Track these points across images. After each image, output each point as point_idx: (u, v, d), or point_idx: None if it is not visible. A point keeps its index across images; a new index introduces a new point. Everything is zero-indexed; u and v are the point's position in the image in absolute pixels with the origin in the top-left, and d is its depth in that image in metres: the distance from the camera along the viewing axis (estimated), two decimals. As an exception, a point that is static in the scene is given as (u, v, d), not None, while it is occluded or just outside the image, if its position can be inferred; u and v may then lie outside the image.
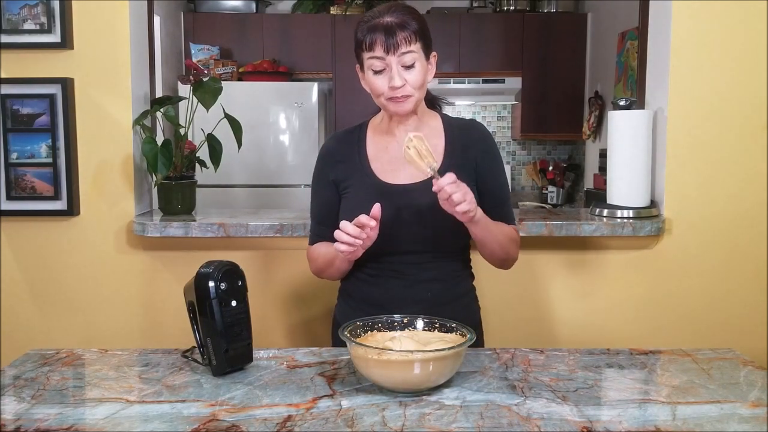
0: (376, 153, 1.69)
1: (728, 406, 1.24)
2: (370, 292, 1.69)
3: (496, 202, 1.67)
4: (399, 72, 1.53)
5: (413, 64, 1.54)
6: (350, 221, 1.48)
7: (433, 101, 1.79)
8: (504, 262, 1.71)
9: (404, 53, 1.52)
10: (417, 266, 1.65)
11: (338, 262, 1.65)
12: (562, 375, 1.38)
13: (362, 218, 1.45)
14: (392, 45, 1.51)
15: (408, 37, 1.52)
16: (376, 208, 1.47)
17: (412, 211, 1.60)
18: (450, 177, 1.42)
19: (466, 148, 1.66)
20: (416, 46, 1.54)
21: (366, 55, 1.56)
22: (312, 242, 1.78)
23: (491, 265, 1.74)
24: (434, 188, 1.43)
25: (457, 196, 1.42)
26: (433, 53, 1.62)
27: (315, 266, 1.75)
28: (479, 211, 1.52)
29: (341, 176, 1.71)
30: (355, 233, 1.45)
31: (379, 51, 1.53)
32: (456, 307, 1.67)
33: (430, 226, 1.60)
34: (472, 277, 1.78)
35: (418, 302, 1.63)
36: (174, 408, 1.22)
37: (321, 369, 1.42)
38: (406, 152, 1.46)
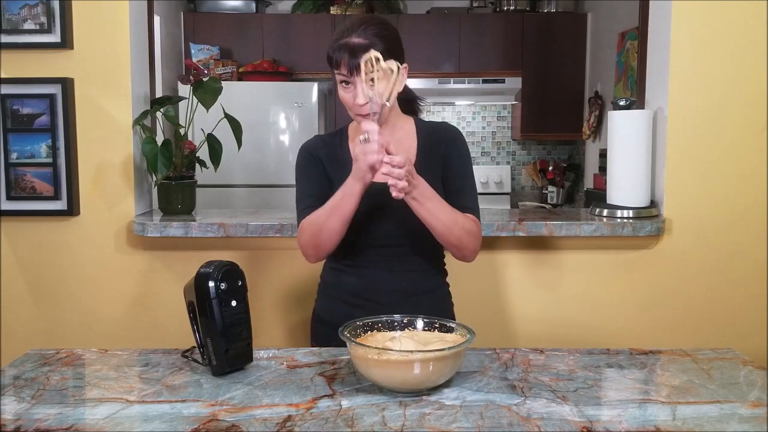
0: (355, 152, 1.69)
1: (728, 406, 1.24)
2: (348, 281, 1.75)
3: (455, 189, 1.69)
4: (363, 90, 1.58)
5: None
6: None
7: (411, 103, 1.81)
8: (458, 250, 1.66)
9: (367, 74, 1.56)
10: (391, 258, 1.71)
11: (344, 206, 1.59)
12: (562, 375, 1.38)
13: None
14: (356, 66, 1.57)
15: (372, 60, 1.55)
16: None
17: (386, 208, 1.66)
18: (393, 159, 1.46)
19: (437, 146, 1.72)
20: (380, 64, 1.55)
21: (335, 70, 1.63)
22: (304, 216, 1.72)
23: (453, 256, 1.72)
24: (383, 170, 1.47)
25: (384, 168, 1.45)
26: (404, 65, 1.61)
27: (310, 231, 1.66)
28: (420, 191, 1.53)
29: (331, 174, 1.74)
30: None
31: (344, 70, 1.59)
32: (428, 300, 1.74)
33: (402, 223, 1.66)
34: (444, 273, 1.81)
35: (393, 291, 1.71)
36: (174, 408, 1.22)
37: (321, 369, 1.42)
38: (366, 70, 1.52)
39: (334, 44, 1.61)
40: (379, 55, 1.52)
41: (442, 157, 1.71)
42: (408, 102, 1.80)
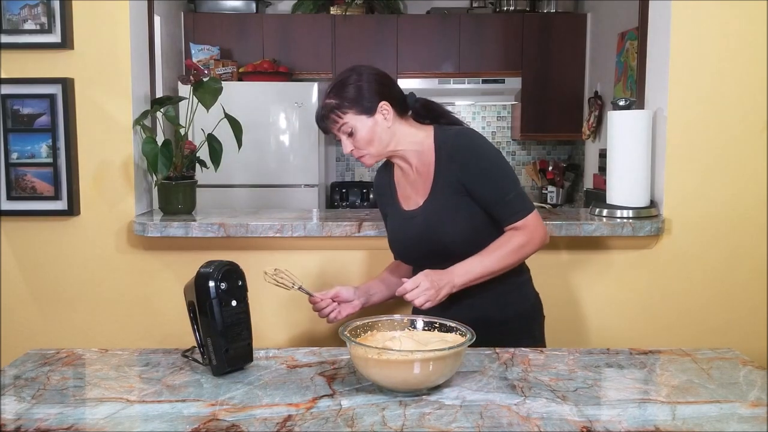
0: (399, 178, 1.88)
1: (728, 405, 1.24)
2: None
3: (492, 202, 1.71)
4: (345, 141, 1.75)
5: (351, 132, 1.73)
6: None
7: (438, 117, 1.84)
8: (526, 258, 1.76)
9: (340, 127, 1.73)
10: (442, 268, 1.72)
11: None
12: (561, 375, 1.39)
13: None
14: (325, 130, 1.78)
15: (335, 118, 1.72)
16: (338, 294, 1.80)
17: (415, 232, 1.78)
18: (405, 288, 1.62)
19: (451, 163, 1.73)
20: (349, 116, 1.72)
21: None
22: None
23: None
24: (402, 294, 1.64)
25: (418, 300, 1.61)
26: (381, 104, 1.73)
27: None
28: (462, 275, 1.66)
29: (384, 208, 1.94)
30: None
31: (323, 131, 1.81)
32: (485, 297, 1.75)
33: (428, 244, 1.75)
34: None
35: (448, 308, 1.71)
36: (174, 408, 1.23)
37: (321, 369, 1.42)
38: (270, 282, 1.73)
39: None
40: (274, 270, 1.73)
41: (458, 178, 1.71)
42: (432, 117, 1.83)
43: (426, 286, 1.60)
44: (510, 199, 1.71)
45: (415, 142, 1.77)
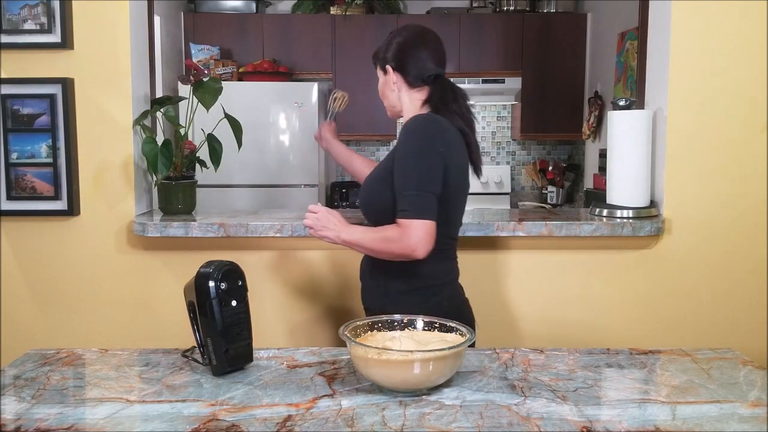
0: None
1: (728, 405, 1.24)
2: None
3: (396, 191, 1.72)
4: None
5: (378, 79, 1.94)
6: None
7: (446, 103, 1.88)
8: (394, 257, 1.73)
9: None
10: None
11: None
12: (561, 375, 1.39)
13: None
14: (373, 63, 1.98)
15: (372, 62, 1.97)
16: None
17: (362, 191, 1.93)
18: (309, 207, 1.83)
19: (398, 141, 1.82)
20: (377, 66, 1.94)
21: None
22: None
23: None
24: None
25: (305, 221, 1.83)
26: (391, 70, 1.89)
27: None
28: (345, 231, 1.78)
29: None
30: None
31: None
32: (385, 291, 1.85)
33: (360, 204, 1.92)
34: (408, 267, 1.79)
35: (364, 272, 1.93)
36: (174, 408, 1.23)
37: (321, 369, 1.42)
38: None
39: None
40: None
41: (394, 159, 1.76)
42: (444, 104, 1.89)
43: (318, 218, 1.80)
44: (406, 195, 1.68)
45: (411, 113, 1.87)
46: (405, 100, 1.89)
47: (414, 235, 1.65)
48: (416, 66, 1.85)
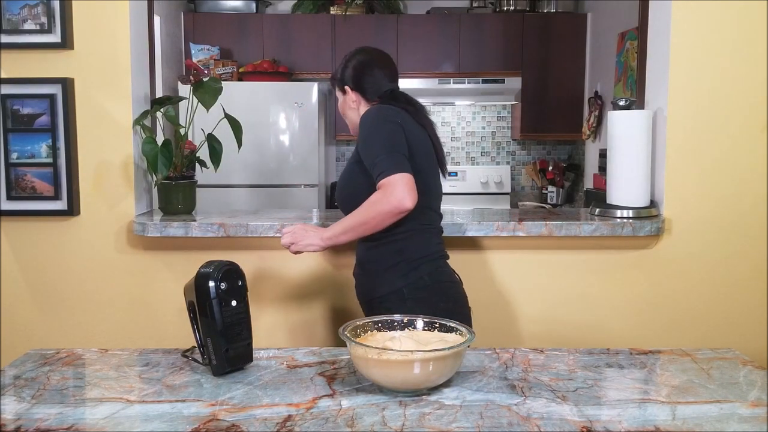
0: None
1: (728, 405, 1.24)
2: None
3: (369, 168, 1.81)
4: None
5: (338, 99, 2.09)
6: None
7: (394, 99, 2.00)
8: (384, 219, 1.76)
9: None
10: None
11: None
12: (561, 375, 1.39)
13: None
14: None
15: (331, 84, 2.14)
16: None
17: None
18: (285, 229, 1.91)
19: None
20: (336, 88, 2.09)
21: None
22: None
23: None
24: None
25: (283, 239, 1.90)
26: (350, 92, 2.03)
27: None
28: (328, 231, 1.83)
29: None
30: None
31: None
32: (365, 273, 1.96)
33: (341, 206, 1.98)
34: (389, 245, 1.86)
35: (357, 262, 2.01)
36: (174, 408, 1.22)
37: (321, 369, 1.42)
38: None
39: None
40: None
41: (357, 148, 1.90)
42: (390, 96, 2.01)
43: (293, 232, 1.86)
44: (378, 161, 1.76)
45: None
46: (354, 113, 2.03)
47: (396, 188, 1.71)
48: (373, 83, 2.00)
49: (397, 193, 1.70)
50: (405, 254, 1.85)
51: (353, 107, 2.03)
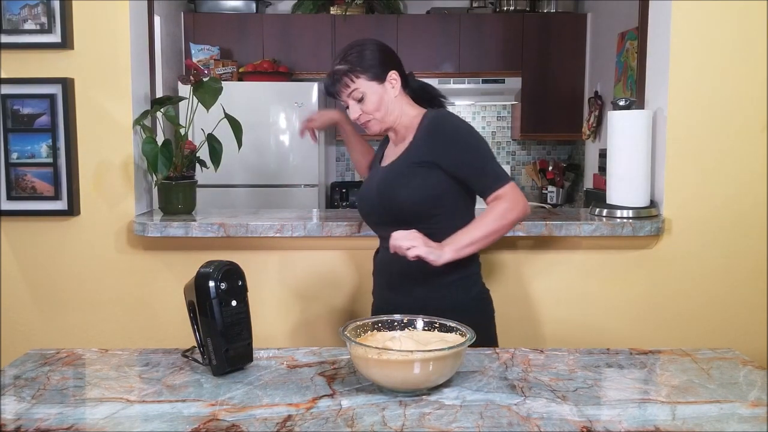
0: (387, 149, 1.97)
1: (728, 405, 1.24)
2: (377, 257, 1.96)
3: (472, 177, 1.78)
4: (353, 106, 1.83)
5: (362, 97, 1.81)
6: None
7: (431, 100, 1.95)
8: (512, 227, 1.78)
9: (350, 92, 1.81)
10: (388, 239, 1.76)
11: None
12: (561, 375, 1.39)
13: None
14: (336, 92, 1.83)
15: (347, 82, 1.80)
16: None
17: (373, 190, 1.86)
18: (397, 233, 1.65)
19: (426, 138, 1.80)
20: (360, 82, 1.80)
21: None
22: None
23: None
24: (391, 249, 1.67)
25: (401, 245, 1.63)
26: (391, 73, 1.83)
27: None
28: (450, 244, 1.67)
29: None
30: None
31: (332, 96, 1.86)
32: (428, 285, 1.80)
33: (382, 200, 1.82)
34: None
35: (391, 273, 1.86)
36: (174, 408, 1.23)
37: (321, 369, 1.42)
38: None
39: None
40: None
41: (431, 156, 1.78)
42: (427, 99, 1.94)
43: (416, 236, 1.64)
44: (488, 170, 1.76)
45: (410, 116, 1.86)
46: (403, 105, 1.86)
47: (519, 196, 1.75)
48: (402, 68, 1.88)
49: (521, 200, 1.74)
50: (469, 268, 1.84)
51: (393, 95, 1.83)
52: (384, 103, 1.82)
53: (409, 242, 1.62)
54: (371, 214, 1.91)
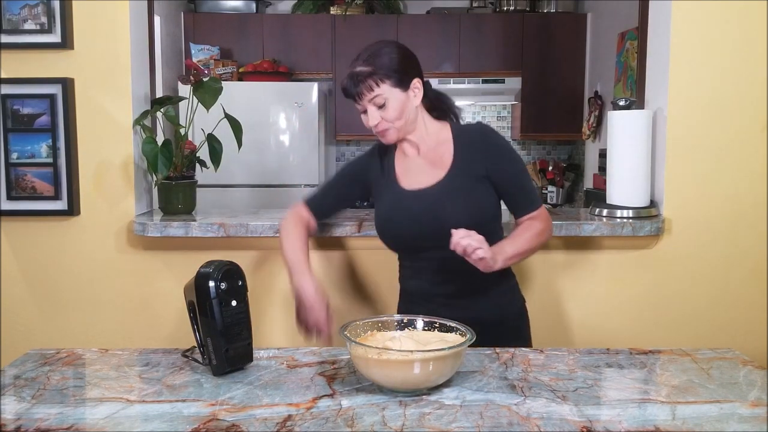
0: (400, 164, 1.86)
1: (728, 405, 1.24)
2: (411, 285, 1.87)
3: (515, 191, 1.78)
4: (372, 113, 1.72)
5: (384, 103, 1.71)
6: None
7: (447, 111, 1.90)
8: (542, 246, 1.78)
9: (373, 98, 1.71)
10: (441, 260, 1.74)
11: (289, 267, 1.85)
12: (561, 375, 1.39)
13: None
14: (357, 94, 1.71)
15: (371, 84, 1.69)
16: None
17: (425, 213, 1.74)
18: (461, 232, 1.55)
19: (473, 149, 1.76)
20: (384, 87, 1.70)
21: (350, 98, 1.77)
22: (307, 202, 1.97)
23: None
24: (451, 246, 1.55)
25: (468, 248, 1.54)
26: (415, 80, 1.76)
27: (282, 233, 1.92)
28: (500, 252, 1.62)
29: (373, 183, 1.90)
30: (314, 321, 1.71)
31: (351, 98, 1.74)
32: (484, 299, 1.78)
33: (430, 223, 1.72)
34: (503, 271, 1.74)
35: (446, 295, 1.79)
36: (174, 408, 1.23)
37: (321, 369, 1.42)
38: None
39: (346, 73, 1.74)
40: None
41: (484, 166, 1.75)
42: (443, 110, 1.88)
43: (479, 237, 1.55)
44: (528, 189, 1.79)
45: (430, 131, 1.81)
46: (421, 115, 1.80)
47: (551, 220, 1.80)
48: (422, 73, 1.81)
49: (551, 223, 1.79)
50: (511, 278, 1.89)
51: (415, 104, 1.76)
52: (406, 112, 1.73)
53: (476, 242, 1.54)
54: (416, 238, 1.77)
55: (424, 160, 1.81)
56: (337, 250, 2.30)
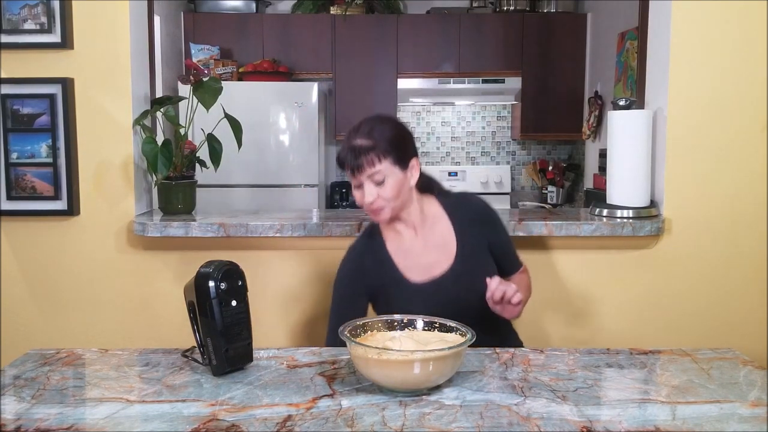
0: (396, 251, 1.80)
1: (728, 405, 1.24)
2: None
3: (508, 256, 1.90)
4: (369, 189, 1.67)
5: (383, 180, 1.66)
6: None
7: (429, 185, 1.86)
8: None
9: (372, 173, 1.65)
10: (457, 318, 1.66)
11: None
12: (561, 375, 1.39)
13: None
14: (357, 167, 1.65)
15: (373, 160, 1.64)
16: None
17: (444, 305, 1.70)
18: (497, 279, 1.61)
19: (472, 224, 1.82)
20: (384, 164, 1.65)
21: (346, 171, 1.71)
22: (330, 342, 1.81)
23: None
24: (488, 294, 1.61)
25: (509, 291, 1.59)
26: (413, 160, 1.72)
27: None
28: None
29: (376, 284, 1.80)
30: None
31: (349, 172, 1.68)
32: (488, 338, 1.71)
33: (458, 308, 1.65)
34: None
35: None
36: (174, 408, 1.23)
37: (321, 369, 1.42)
38: None
39: (343, 144, 1.70)
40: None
41: (486, 237, 1.83)
42: (425, 183, 1.84)
43: (514, 286, 1.62)
44: (514, 249, 1.92)
45: (422, 208, 1.79)
46: (413, 194, 1.76)
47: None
48: (417, 152, 1.78)
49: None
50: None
51: (410, 185, 1.72)
52: (403, 191, 1.69)
53: (512, 289, 1.60)
54: (445, 316, 1.61)
55: (424, 241, 1.78)
56: (337, 249, 2.29)
